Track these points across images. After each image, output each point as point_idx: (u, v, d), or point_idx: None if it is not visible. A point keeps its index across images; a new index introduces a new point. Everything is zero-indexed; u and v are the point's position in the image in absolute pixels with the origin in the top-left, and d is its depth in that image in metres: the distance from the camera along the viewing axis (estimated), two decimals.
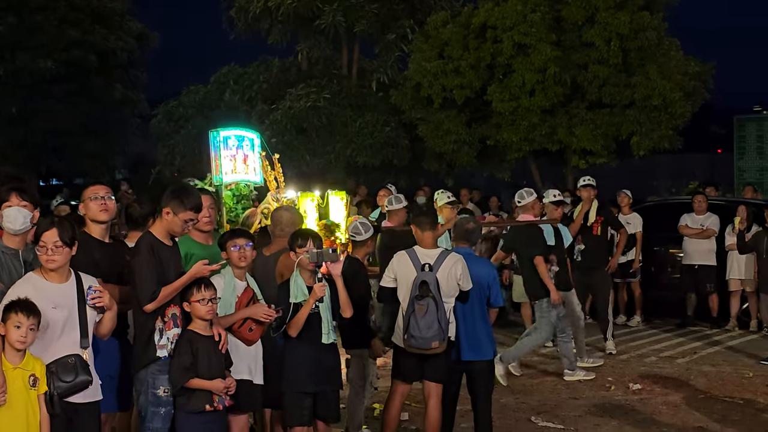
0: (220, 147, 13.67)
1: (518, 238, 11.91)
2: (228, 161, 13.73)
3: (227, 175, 13.71)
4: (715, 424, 9.76)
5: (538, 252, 11.33)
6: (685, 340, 14.70)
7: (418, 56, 22.64)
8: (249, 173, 14.02)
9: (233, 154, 13.85)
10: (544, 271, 11.26)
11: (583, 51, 21.14)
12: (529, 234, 11.56)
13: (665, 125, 21.47)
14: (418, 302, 7.86)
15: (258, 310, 7.04)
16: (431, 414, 8.17)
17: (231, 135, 13.98)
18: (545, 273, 11.26)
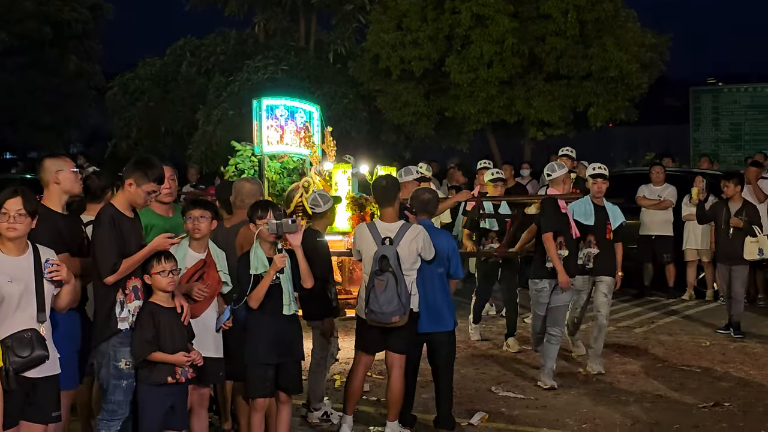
0: (262, 116, 13.48)
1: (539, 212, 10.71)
2: (273, 131, 13.58)
3: (270, 145, 13.57)
4: (672, 392, 9.86)
5: (548, 228, 10.09)
6: (642, 310, 14.84)
7: (376, 28, 22.59)
8: (301, 146, 13.94)
9: (281, 124, 13.67)
10: (552, 248, 10.01)
11: (540, 22, 21.19)
12: (544, 208, 10.39)
13: (622, 97, 21.62)
14: (377, 277, 7.84)
15: (191, 287, 6.98)
16: (394, 385, 8.18)
17: (280, 105, 13.82)
18: (553, 250, 10.00)
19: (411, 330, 8.15)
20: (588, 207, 10.63)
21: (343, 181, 13.14)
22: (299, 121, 13.97)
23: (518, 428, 8.75)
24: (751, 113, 25.40)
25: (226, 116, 23.06)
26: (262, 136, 13.42)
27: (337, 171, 13.20)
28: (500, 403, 9.57)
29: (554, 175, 10.70)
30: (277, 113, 13.66)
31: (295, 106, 14.09)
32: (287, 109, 13.86)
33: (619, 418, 9.01)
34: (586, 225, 10.55)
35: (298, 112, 14.03)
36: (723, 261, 12.90)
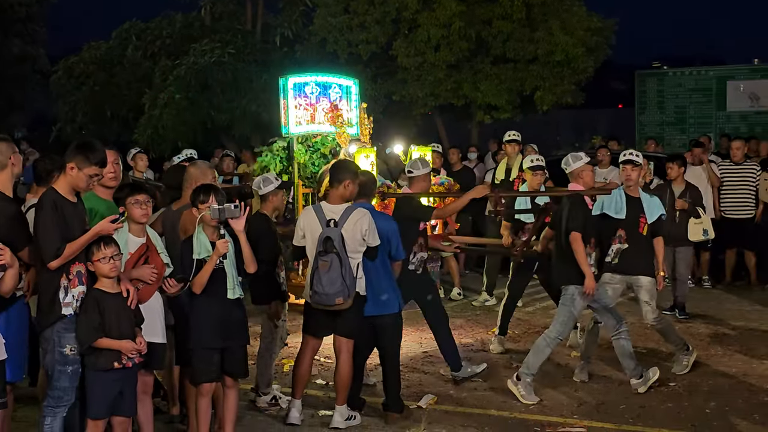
0: (289, 95, 12.86)
1: (559, 210, 9.56)
2: (302, 111, 12.91)
3: (299, 126, 12.95)
4: (618, 373, 9.92)
5: (575, 226, 9.13)
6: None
7: (323, 11, 22.50)
8: (336, 124, 13.13)
9: (311, 102, 12.95)
10: (580, 250, 9.07)
11: (487, 6, 21.21)
12: (570, 205, 9.32)
13: (568, 80, 21.72)
14: (321, 258, 7.83)
15: (143, 271, 6.93)
16: (342, 369, 8.18)
17: (310, 81, 13.07)
18: (581, 253, 9.08)
19: (358, 314, 8.15)
20: (620, 199, 9.82)
21: (365, 167, 12.21)
22: (333, 97, 13.18)
23: (466, 410, 8.80)
24: (696, 96, 25.62)
25: (173, 100, 22.86)
26: (289, 116, 12.84)
27: (359, 155, 12.39)
28: (448, 386, 9.61)
29: (570, 169, 9.47)
30: (306, 91, 12.95)
31: (328, 81, 13.26)
32: (318, 86, 13.10)
33: (565, 399, 9.09)
34: (616, 219, 9.77)
35: (332, 87, 13.25)
36: (667, 243, 13.00)
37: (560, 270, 9.39)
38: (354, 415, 8.38)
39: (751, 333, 11.77)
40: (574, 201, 9.29)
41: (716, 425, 8.23)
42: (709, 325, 12.31)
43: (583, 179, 9.39)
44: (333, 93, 13.13)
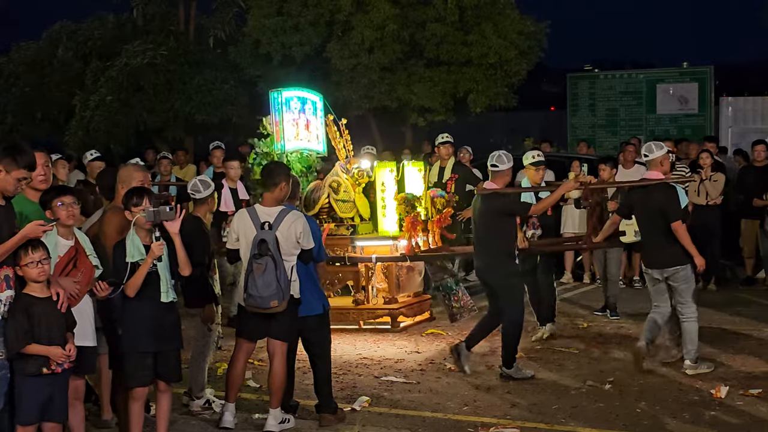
0: (282, 110, 12.23)
1: (649, 198, 10.04)
2: (291, 126, 12.34)
3: (290, 141, 12.33)
4: (551, 373, 10.05)
5: (678, 215, 9.82)
6: None
7: (256, 12, 22.39)
8: (312, 141, 12.73)
9: (295, 118, 12.44)
10: (686, 235, 9.78)
11: (420, 9, 21.27)
12: (664, 193, 9.93)
13: (501, 83, 21.86)
14: (256, 261, 7.81)
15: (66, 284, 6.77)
16: (276, 372, 8.16)
17: (293, 96, 12.56)
18: (687, 237, 9.78)
19: (292, 316, 8.14)
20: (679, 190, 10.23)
21: (389, 181, 12.28)
22: (308, 113, 12.84)
23: (400, 412, 8.82)
24: (626, 99, 25.93)
25: (104, 102, 22.65)
26: (284, 132, 12.19)
27: (382, 170, 12.23)
28: (383, 388, 9.63)
29: (652, 156, 10.05)
30: (292, 106, 12.48)
31: (303, 96, 12.88)
32: (300, 101, 12.71)
33: (498, 400, 9.15)
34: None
35: (307, 103, 12.87)
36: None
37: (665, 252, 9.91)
38: (288, 418, 8.37)
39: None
40: (668, 189, 9.95)
41: (647, 424, 8.33)
42: (641, 325, 12.41)
43: (663, 167, 10.06)
44: (307, 109, 12.84)
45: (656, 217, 9.91)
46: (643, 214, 10.13)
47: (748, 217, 15.20)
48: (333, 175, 12.58)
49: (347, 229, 12.50)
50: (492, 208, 9.83)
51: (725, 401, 8.90)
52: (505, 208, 9.85)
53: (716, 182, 14.71)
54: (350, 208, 12.57)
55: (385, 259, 12.12)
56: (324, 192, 12.43)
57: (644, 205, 10.05)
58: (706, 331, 11.85)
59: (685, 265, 9.84)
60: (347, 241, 12.43)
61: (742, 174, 15.68)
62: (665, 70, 27.05)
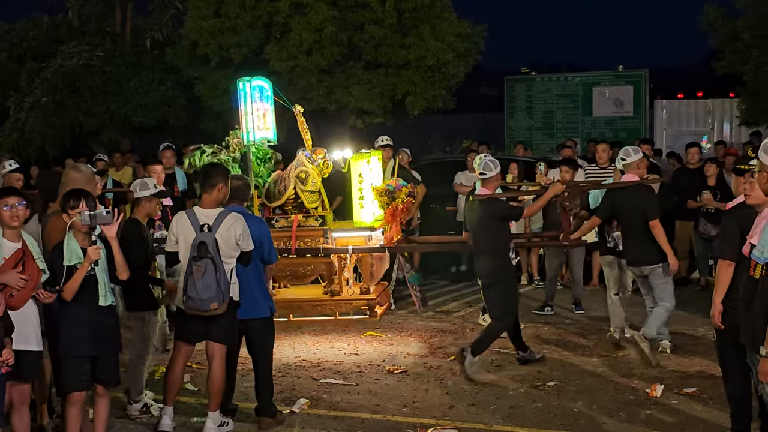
0: (248, 99, 12.03)
1: (630, 199, 10.51)
2: (256, 117, 12.17)
3: (258, 131, 12.21)
4: (489, 374, 10.12)
5: (657, 214, 10.36)
6: (459, 294, 15.12)
7: (194, 14, 22.27)
8: (269, 130, 12.52)
9: (258, 107, 12.27)
10: (663, 234, 10.30)
11: (358, 11, 21.28)
12: (642, 194, 10.50)
13: (439, 85, 21.93)
14: (195, 263, 7.78)
15: (10, 277, 6.76)
16: (215, 375, 8.14)
17: (255, 85, 12.31)
18: (663, 236, 10.30)
19: (232, 319, 8.12)
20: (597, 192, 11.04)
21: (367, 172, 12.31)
22: (265, 101, 12.55)
23: (339, 414, 8.84)
24: (563, 102, 26.21)
25: (39, 103, 22.42)
26: (248, 123, 11.99)
27: (359, 161, 12.22)
28: (321, 390, 9.64)
29: (629, 160, 10.63)
30: (256, 96, 12.28)
31: (261, 85, 12.57)
32: (259, 90, 12.47)
33: (437, 400, 9.20)
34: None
35: (265, 91, 12.57)
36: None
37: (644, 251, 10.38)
38: (227, 421, 8.35)
39: None
40: (646, 190, 10.56)
41: (583, 424, 8.42)
42: (576, 325, 12.57)
43: (639, 170, 10.65)
44: (266, 96, 12.61)
45: (638, 217, 10.37)
46: (626, 215, 10.60)
47: (682, 219, 15.37)
48: (299, 165, 12.41)
49: (316, 220, 12.44)
50: (488, 212, 10.14)
51: (660, 400, 9.03)
52: (501, 213, 10.24)
53: None
54: (316, 198, 12.51)
55: (362, 249, 12.11)
56: (291, 183, 12.30)
57: (626, 206, 10.52)
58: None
59: (664, 263, 10.30)
60: (319, 233, 12.32)
61: (676, 176, 15.86)
62: (601, 73, 27.38)
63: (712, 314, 7.24)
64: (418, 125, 26.70)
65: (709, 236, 14.25)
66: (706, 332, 11.41)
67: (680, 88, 34.28)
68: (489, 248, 10.20)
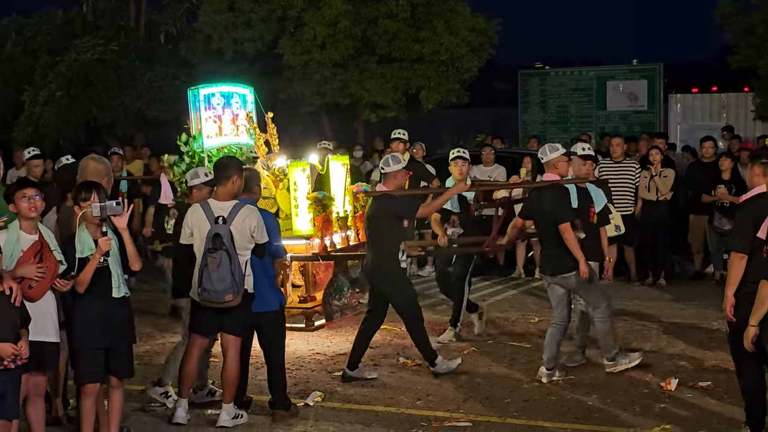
0: (201, 107, 12.25)
1: (541, 201, 9.75)
2: (211, 123, 12.32)
3: (210, 138, 12.28)
4: (503, 368, 10.11)
5: (566, 217, 9.43)
6: (473, 288, 15.03)
7: (207, 8, 22.33)
8: (240, 135, 12.69)
9: (218, 114, 12.40)
10: (572, 239, 9.38)
11: (372, 5, 21.32)
12: (553, 196, 9.61)
13: (452, 80, 21.96)
14: (210, 255, 7.79)
15: (29, 269, 6.78)
16: (229, 367, 8.14)
17: (215, 92, 12.53)
18: (573, 241, 9.38)
19: (246, 311, 8.13)
20: (572, 189, 9.85)
21: (302, 180, 12.09)
22: (235, 107, 12.71)
23: (353, 407, 8.83)
24: (577, 96, 26.13)
25: (53, 97, 22.48)
26: (202, 130, 12.14)
27: (295, 169, 12.10)
28: (335, 383, 9.63)
29: (546, 158, 9.79)
30: (213, 102, 12.39)
31: (229, 91, 12.78)
32: (223, 96, 12.59)
33: (451, 393, 9.18)
34: (573, 209, 9.73)
35: (233, 97, 12.74)
36: None
37: (556, 258, 9.59)
38: (241, 413, 8.35)
39: (630, 327, 12.01)
40: (558, 192, 9.60)
41: (598, 417, 8.41)
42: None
43: (558, 169, 9.73)
44: (234, 103, 12.69)
45: (548, 221, 9.62)
46: (538, 218, 9.89)
47: (696, 213, 15.34)
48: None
49: None
50: (381, 210, 9.78)
51: (675, 394, 9.00)
52: (394, 211, 9.77)
53: (666, 178, 14.84)
54: (271, 204, 12.38)
55: (299, 258, 12.01)
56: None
57: (539, 209, 9.78)
58: (656, 325, 12.01)
59: (576, 271, 9.48)
60: None
61: (691, 170, 15.83)
62: (615, 67, 27.28)
63: (725, 307, 7.22)
64: (432, 119, 26.69)
65: (724, 230, 14.20)
66: (720, 326, 11.34)
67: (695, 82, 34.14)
68: (378, 245, 9.84)
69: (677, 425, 8.09)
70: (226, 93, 12.66)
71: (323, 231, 11.93)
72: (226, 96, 12.61)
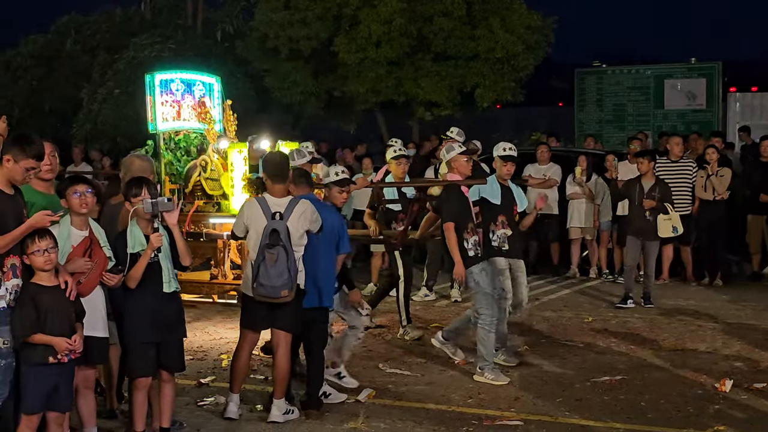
0: (156, 91, 13.13)
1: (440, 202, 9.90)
2: (169, 107, 13.22)
3: (166, 122, 13.25)
4: (555, 367, 10.05)
5: (449, 218, 9.49)
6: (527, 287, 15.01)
7: (264, 6, 22.40)
8: (200, 121, 13.48)
9: (177, 99, 13.27)
10: (453, 239, 9.41)
11: (428, 3, 21.26)
12: (446, 195, 9.75)
13: (508, 78, 21.85)
14: (268, 251, 7.81)
15: (79, 265, 6.85)
16: (280, 363, 8.15)
17: (175, 78, 13.39)
18: (453, 241, 9.41)
19: (298, 307, 8.14)
20: (495, 187, 10.09)
21: (239, 162, 12.73)
22: (197, 94, 13.55)
23: (404, 404, 8.81)
24: (634, 94, 25.89)
25: (112, 95, 22.71)
26: (156, 113, 13.06)
27: (233, 150, 12.78)
28: (387, 380, 9.63)
29: (445, 158, 9.93)
30: (172, 87, 13.24)
31: (192, 78, 13.65)
32: (183, 83, 13.44)
33: (503, 392, 9.14)
34: (494, 204, 10.05)
35: (196, 84, 13.59)
36: (636, 236, 13.13)
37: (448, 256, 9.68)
38: (292, 409, 8.36)
39: (686, 327, 11.93)
40: (449, 191, 9.71)
41: (651, 417, 8.32)
42: (645, 319, 12.45)
43: (456, 169, 9.81)
44: (197, 90, 13.52)
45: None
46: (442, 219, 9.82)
47: (754, 213, 15.19)
48: (205, 154, 13.14)
49: (213, 207, 13.04)
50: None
51: (729, 395, 8.89)
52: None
53: (722, 177, 14.70)
54: (218, 186, 13.01)
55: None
56: (196, 171, 13.08)
57: (440, 209, 9.86)
58: (712, 325, 11.89)
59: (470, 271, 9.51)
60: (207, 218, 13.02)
61: (749, 169, 15.66)
62: (673, 65, 27.00)
63: None
64: (487, 118, 26.61)
65: None
66: None
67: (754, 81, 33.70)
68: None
69: (731, 427, 7.98)
70: (189, 80, 13.51)
71: None
72: (188, 83, 13.44)
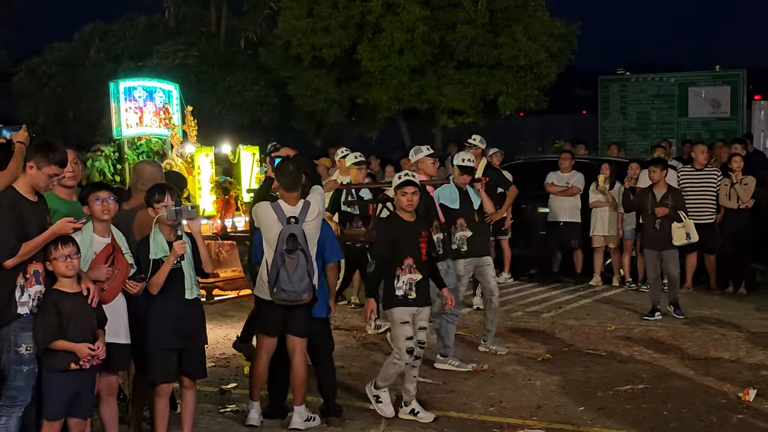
0: (120, 98, 13.61)
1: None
2: (132, 114, 13.74)
3: (130, 128, 13.72)
4: (578, 375, 10.00)
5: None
6: (550, 296, 15.00)
7: (287, 14, 22.48)
8: (161, 127, 14.09)
9: (139, 105, 13.82)
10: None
11: (451, 11, 21.32)
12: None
13: (531, 85, 21.83)
14: (288, 256, 7.79)
15: (101, 272, 6.86)
16: (297, 369, 8.13)
17: (138, 86, 13.97)
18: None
19: (309, 311, 8.14)
20: (453, 192, 10.51)
21: (205, 165, 13.27)
22: (158, 101, 14.13)
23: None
24: (658, 102, 25.79)
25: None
26: (120, 119, 13.54)
27: (200, 154, 13.30)
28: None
29: (413, 160, 10.38)
30: (135, 95, 13.80)
31: (153, 86, 14.26)
32: (145, 90, 14.01)
33: (525, 400, 9.11)
34: (452, 209, 10.45)
35: (156, 92, 14.19)
36: (652, 246, 13.03)
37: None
38: (313, 416, 8.35)
39: (709, 336, 11.85)
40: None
41: (673, 427, 8.27)
42: (668, 327, 12.39)
43: (423, 170, 10.21)
44: (157, 97, 14.07)
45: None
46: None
47: None
48: (168, 158, 13.47)
49: None
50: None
51: (753, 405, 8.83)
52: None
53: (747, 185, 14.61)
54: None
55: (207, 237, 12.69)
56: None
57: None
58: (736, 334, 11.81)
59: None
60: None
61: None
62: (697, 73, 26.87)
63: None
64: (510, 125, 26.58)
65: None
66: None
67: None
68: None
69: None
70: (150, 87, 14.10)
71: (223, 213, 13.11)
72: (149, 90, 14.02)
